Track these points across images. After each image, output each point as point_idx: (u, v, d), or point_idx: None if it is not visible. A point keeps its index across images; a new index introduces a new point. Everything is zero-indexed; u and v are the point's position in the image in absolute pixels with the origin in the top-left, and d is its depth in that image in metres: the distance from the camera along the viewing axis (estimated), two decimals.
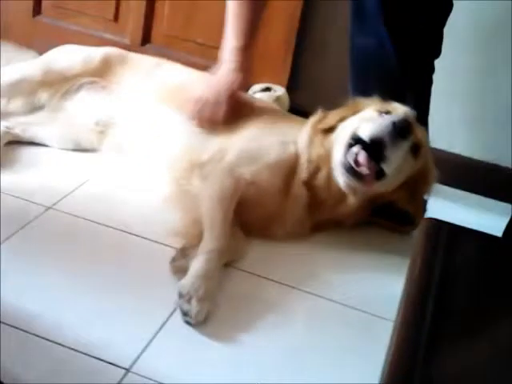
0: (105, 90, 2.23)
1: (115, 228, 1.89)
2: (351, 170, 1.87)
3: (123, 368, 1.44)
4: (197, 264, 1.68)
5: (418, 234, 1.14)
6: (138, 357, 1.48)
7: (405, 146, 1.88)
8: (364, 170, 1.85)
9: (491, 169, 2.53)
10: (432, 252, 1.09)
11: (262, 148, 1.99)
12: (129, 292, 1.67)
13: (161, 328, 1.58)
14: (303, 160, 1.98)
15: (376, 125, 1.86)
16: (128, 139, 2.16)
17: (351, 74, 2.15)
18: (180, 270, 1.71)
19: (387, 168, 1.87)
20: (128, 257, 1.80)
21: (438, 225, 1.18)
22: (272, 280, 1.82)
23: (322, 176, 1.97)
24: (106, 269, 1.73)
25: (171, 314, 1.63)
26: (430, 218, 1.21)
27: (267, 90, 2.43)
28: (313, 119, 2.06)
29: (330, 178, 1.95)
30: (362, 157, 1.84)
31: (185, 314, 1.59)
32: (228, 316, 1.66)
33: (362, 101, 2.04)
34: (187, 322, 1.59)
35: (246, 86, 2.16)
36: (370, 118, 1.92)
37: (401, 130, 1.84)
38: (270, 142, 2.01)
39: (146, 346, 1.52)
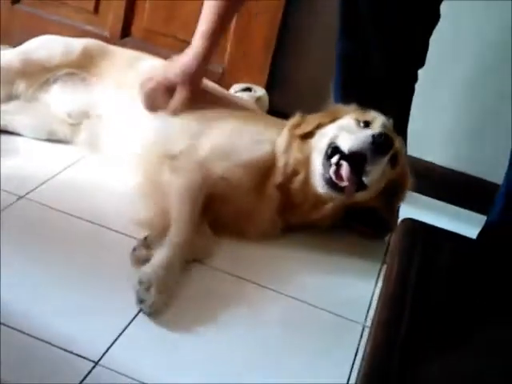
0: (84, 82, 2.21)
1: (87, 220, 1.87)
2: (331, 183, 1.88)
3: (91, 361, 1.43)
4: (160, 254, 1.68)
5: (394, 235, 1.13)
6: (107, 350, 1.47)
7: (385, 159, 1.89)
8: (345, 183, 1.85)
9: (465, 179, 2.55)
10: (409, 253, 1.09)
11: (237, 145, 1.98)
12: (99, 285, 1.65)
13: (131, 322, 1.57)
14: (280, 163, 1.97)
15: (357, 138, 1.87)
16: (104, 132, 2.14)
17: (335, 76, 2.16)
18: (139, 261, 1.71)
19: (368, 181, 1.87)
20: (99, 249, 1.79)
21: (415, 226, 1.18)
22: (244, 279, 1.82)
23: (298, 181, 1.96)
24: (77, 261, 1.72)
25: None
26: (407, 219, 1.21)
27: (247, 90, 2.42)
28: (290, 123, 2.05)
29: (306, 183, 1.95)
30: (345, 171, 1.85)
31: (141, 301, 1.59)
32: (198, 313, 1.66)
33: (341, 108, 2.04)
34: (141, 310, 1.59)
35: (201, 74, 2.13)
36: (349, 128, 1.93)
37: (381, 145, 1.84)
38: (245, 139, 2.00)
39: (116, 340, 1.51)
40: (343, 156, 1.86)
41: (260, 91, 2.43)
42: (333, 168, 1.87)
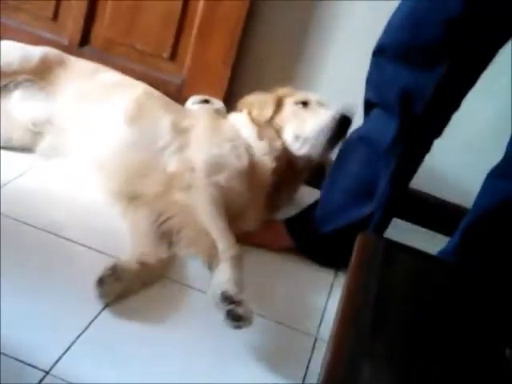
0: (43, 91, 2.20)
1: (40, 228, 1.85)
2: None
3: (42, 370, 1.42)
4: (234, 274, 1.71)
5: (355, 248, 1.14)
6: (58, 360, 1.46)
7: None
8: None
9: (437, 203, 2.59)
10: (368, 266, 1.10)
11: (224, 155, 2.06)
12: (51, 295, 1.64)
13: (83, 332, 1.56)
14: (263, 153, 2.13)
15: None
16: (65, 142, 2.14)
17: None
18: (110, 295, 1.67)
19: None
20: (52, 259, 1.77)
21: (375, 240, 1.19)
22: (194, 288, 1.84)
23: (285, 158, 2.17)
24: (29, 270, 1.70)
25: (94, 318, 1.61)
26: (366, 233, 1.22)
27: (205, 102, 2.42)
28: (245, 116, 2.21)
29: (292, 159, 2.18)
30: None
31: (238, 319, 1.59)
32: (147, 320, 1.66)
33: (280, 90, 2.24)
34: (238, 327, 1.59)
35: None
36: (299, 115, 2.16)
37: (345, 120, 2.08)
38: (226, 148, 2.09)
39: (67, 350, 1.49)
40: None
41: (218, 104, 2.43)
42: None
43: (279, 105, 2.21)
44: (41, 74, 2.21)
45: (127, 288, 1.70)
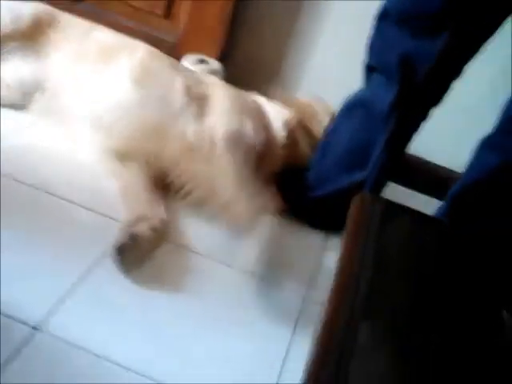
0: (34, 52, 2.14)
1: (30, 184, 1.83)
2: None
3: (32, 326, 1.41)
4: None
5: (352, 208, 1.13)
6: (48, 316, 1.45)
7: None
8: None
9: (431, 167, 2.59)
10: (366, 226, 1.08)
11: (244, 130, 2.04)
12: (41, 250, 1.62)
13: (73, 289, 1.55)
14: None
15: None
16: (58, 103, 2.09)
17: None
18: (130, 264, 1.66)
19: None
20: (42, 215, 1.75)
21: (373, 200, 1.17)
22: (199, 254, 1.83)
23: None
24: (18, 225, 1.67)
25: (84, 275, 1.60)
26: (364, 193, 1.20)
27: (202, 62, 2.38)
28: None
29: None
30: None
31: None
32: (144, 280, 1.65)
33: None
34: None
35: None
36: None
37: None
38: (247, 123, 2.07)
39: (57, 306, 1.49)
40: None
41: (215, 64, 2.39)
42: None
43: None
44: (32, 36, 2.14)
45: (144, 255, 1.71)
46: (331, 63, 2.53)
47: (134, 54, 2.13)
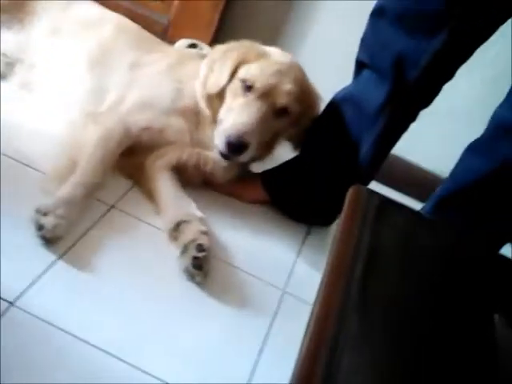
0: (20, 22, 2.12)
1: (5, 155, 1.79)
2: (221, 154, 1.92)
3: (7, 301, 1.39)
4: (62, 191, 1.67)
5: (347, 200, 1.11)
6: (24, 292, 1.43)
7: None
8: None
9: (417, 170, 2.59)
10: (361, 220, 1.07)
11: (158, 96, 1.99)
12: (19, 227, 1.58)
13: (50, 266, 1.53)
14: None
15: (218, 134, 1.92)
16: (36, 75, 2.09)
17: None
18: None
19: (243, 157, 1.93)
20: (23, 190, 1.71)
21: (368, 194, 1.15)
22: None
23: None
24: None
25: (63, 253, 1.58)
26: (359, 186, 1.18)
27: (193, 46, 2.35)
28: (200, 79, 2.01)
29: None
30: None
31: (39, 227, 1.56)
32: (114, 259, 1.64)
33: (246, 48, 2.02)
34: (41, 237, 1.56)
35: None
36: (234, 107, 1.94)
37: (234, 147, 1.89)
38: (167, 88, 2.01)
39: (33, 283, 1.47)
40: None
41: (206, 48, 2.36)
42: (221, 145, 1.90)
43: (235, 72, 1.97)
44: (18, 6, 2.13)
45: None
46: (322, 56, 2.51)
47: (99, 32, 2.11)
